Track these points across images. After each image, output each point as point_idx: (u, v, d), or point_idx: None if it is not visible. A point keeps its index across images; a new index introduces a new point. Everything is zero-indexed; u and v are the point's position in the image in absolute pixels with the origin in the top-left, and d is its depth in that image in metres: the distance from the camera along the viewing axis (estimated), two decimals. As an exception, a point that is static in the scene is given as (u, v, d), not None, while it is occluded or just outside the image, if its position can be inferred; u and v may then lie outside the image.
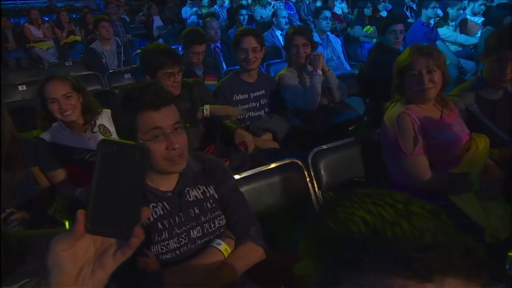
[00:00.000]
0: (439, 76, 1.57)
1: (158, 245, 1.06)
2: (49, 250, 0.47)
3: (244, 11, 4.73)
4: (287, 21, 4.08)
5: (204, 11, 8.71)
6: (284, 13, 4.13)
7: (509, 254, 0.99)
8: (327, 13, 3.54)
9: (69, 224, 1.43)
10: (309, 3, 9.26)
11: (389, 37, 2.87)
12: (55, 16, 6.99)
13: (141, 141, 0.99)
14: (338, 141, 1.73)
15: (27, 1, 13.36)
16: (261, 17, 7.92)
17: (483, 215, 1.46)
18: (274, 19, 4.16)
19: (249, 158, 1.98)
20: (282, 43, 4.12)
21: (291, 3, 9.15)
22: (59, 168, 1.69)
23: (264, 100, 2.28)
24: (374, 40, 4.89)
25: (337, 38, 3.73)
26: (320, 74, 2.26)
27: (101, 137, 1.93)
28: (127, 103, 1.02)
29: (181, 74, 1.93)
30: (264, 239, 1.19)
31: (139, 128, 1.01)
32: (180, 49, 3.20)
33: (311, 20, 5.63)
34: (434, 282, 0.34)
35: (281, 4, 9.03)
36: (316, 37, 3.58)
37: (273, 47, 4.05)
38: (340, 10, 8.54)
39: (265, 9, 8.49)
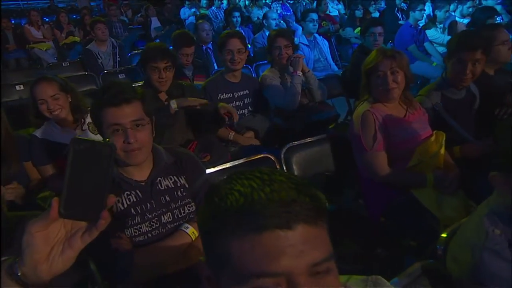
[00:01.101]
0: (402, 77, 1.69)
1: (132, 228, 1.18)
2: (25, 231, 0.55)
3: (237, 13, 4.85)
4: (278, 23, 4.19)
5: (203, 11, 8.83)
6: (275, 15, 4.25)
7: (441, 235, 1.10)
8: (314, 16, 3.66)
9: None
10: (305, 4, 9.38)
11: (369, 39, 3.00)
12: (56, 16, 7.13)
13: (107, 140, 1.12)
14: (310, 138, 1.85)
15: (29, 2, 13.54)
16: (258, 18, 8.02)
17: (437, 207, 1.58)
18: (264, 21, 4.28)
19: (230, 154, 2.11)
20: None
21: (288, 4, 9.27)
22: (49, 163, 1.82)
23: (248, 99, 2.41)
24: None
25: (324, 40, 3.85)
26: (300, 75, 2.37)
27: (90, 134, 2.07)
28: (95, 100, 1.15)
29: (169, 72, 2.03)
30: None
31: (103, 123, 1.15)
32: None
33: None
34: (292, 229, 0.46)
35: (277, 5, 9.16)
36: (303, 39, 3.72)
37: (264, 48, 4.17)
38: (337, 12, 8.65)
39: (262, 10, 8.59)
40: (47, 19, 8.42)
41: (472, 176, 1.72)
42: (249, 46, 4.92)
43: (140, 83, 2.41)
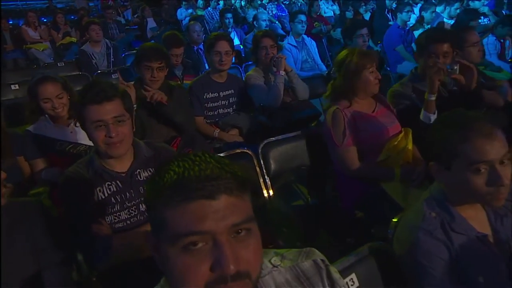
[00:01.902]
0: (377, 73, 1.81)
1: (112, 215, 1.29)
2: None
3: (229, 15, 4.96)
4: (268, 23, 4.30)
5: (199, 12, 8.93)
6: (265, 16, 4.35)
7: (392, 220, 1.21)
8: (302, 17, 3.77)
9: (48, 203, 1.64)
10: (301, 5, 9.49)
11: (357, 40, 3.10)
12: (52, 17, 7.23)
13: None
14: (286, 134, 1.96)
15: (28, 2, 13.63)
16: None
17: (404, 198, 1.69)
18: (255, 22, 4.39)
19: (214, 150, 2.22)
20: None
21: (283, 5, 9.38)
22: (41, 157, 1.92)
23: (233, 98, 2.51)
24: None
25: (312, 41, 3.95)
26: (283, 74, 2.48)
27: (82, 131, 2.18)
28: (79, 98, 1.26)
29: (161, 72, 2.13)
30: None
31: (86, 119, 1.25)
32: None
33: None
34: (215, 199, 0.57)
35: (273, 6, 9.26)
36: (291, 40, 3.83)
37: (254, 49, 4.27)
38: (332, 12, 8.76)
39: (257, 10, 8.70)
40: (45, 20, 8.53)
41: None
42: (241, 47, 5.04)
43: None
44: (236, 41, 5.22)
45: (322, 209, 2.17)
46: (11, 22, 7.82)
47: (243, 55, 4.59)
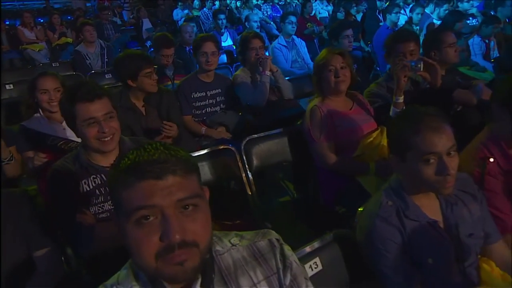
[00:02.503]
0: (348, 72, 1.90)
1: (96, 206, 1.38)
2: None
3: (222, 16, 5.04)
4: (259, 25, 4.38)
5: (195, 13, 9.01)
6: (256, 17, 4.44)
7: (359, 209, 1.29)
8: (293, 18, 3.86)
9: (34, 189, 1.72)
10: (295, 5, 9.58)
11: (343, 41, 3.19)
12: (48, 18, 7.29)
13: None
14: (268, 131, 2.04)
15: (25, 2, 13.67)
16: (248, 19, 8.23)
17: (376, 191, 1.78)
18: (246, 23, 4.47)
19: (201, 146, 2.30)
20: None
21: (278, 6, 9.47)
22: (32, 150, 2.00)
23: (220, 97, 2.60)
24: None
25: (302, 41, 4.04)
26: (269, 74, 2.56)
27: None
28: (70, 97, 1.34)
29: (155, 73, 2.20)
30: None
31: (77, 116, 1.33)
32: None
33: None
34: (162, 179, 0.65)
35: (267, 6, 9.35)
36: (282, 40, 3.92)
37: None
38: (327, 13, 8.85)
39: (252, 11, 8.78)
40: (42, 20, 8.59)
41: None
42: (234, 47, 5.12)
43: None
44: (229, 42, 5.31)
45: (305, 204, 2.26)
46: (7, 23, 7.89)
47: (235, 55, 4.66)
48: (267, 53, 4.12)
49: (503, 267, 1.14)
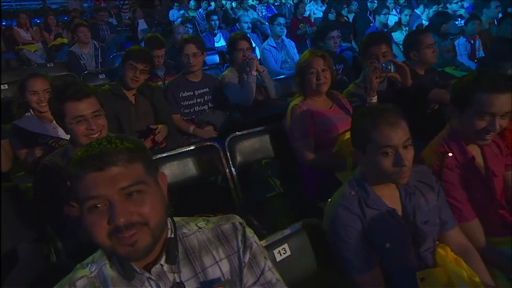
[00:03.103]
0: (329, 74, 1.99)
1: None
2: None
3: (215, 17, 5.13)
4: (250, 26, 4.47)
5: (191, 13, 9.09)
6: (247, 18, 4.52)
7: (328, 200, 1.38)
8: (281, 20, 3.95)
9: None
10: (290, 6, 9.67)
11: (329, 42, 3.28)
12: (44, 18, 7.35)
13: None
14: (251, 129, 2.13)
15: (21, 3, 13.72)
16: (243, 19, 8.32)
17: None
18: (237, 24, 4.56)
19: (186, 142, 2.39)
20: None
21: (273, 7, 9.56)
22: (24, 148, 2.09)
23: (208, 96, 2.69)
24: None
25: (291, 42, 4.13)
26: (255, 74, 2.65)
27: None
28: (59, 96, 1.42)
29: (143, 75, 2.30)
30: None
31: (66, 114, 1.41)
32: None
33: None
34: (105, 170, 0.74)
35: (262, 7, 9.44)
36: (271, 41, 4.01)
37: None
38: (321, 14, 8.94)
39: (247, 12, 8.87)
40: (38, 21, 8.65)
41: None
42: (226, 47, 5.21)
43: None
44: (222, 42, 5.39)
45: (289, 199, 2.36)
46: (4, 23, 7.95)
47: (227, 55, 4.75)
48: (258, 54, 4.24)
49: (457, 252, 1.23)
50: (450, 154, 1.37)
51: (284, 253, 1.21)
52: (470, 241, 1.27)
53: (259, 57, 4.22)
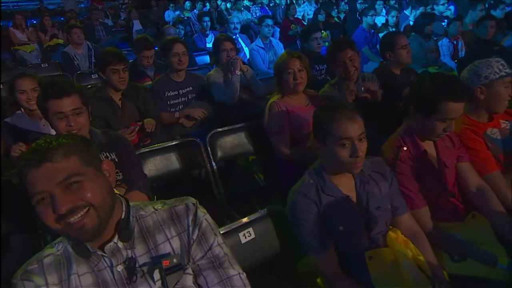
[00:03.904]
0: (305, 74, 2.11)
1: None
2: None
3: (206, 18, 5.24)
4: (238, 27, 4.59)
5: (187, 14, 9.21)
6: (235, 19, 4.63)
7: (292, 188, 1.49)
8: (269, 21, 4.07)
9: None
10: (283, 7, 9.79)
11: (312, 43, 3.41)
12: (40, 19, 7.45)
13: None
14: (231, 126, 2.25)
15: (19, 3, 13.80)
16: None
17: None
18: (226, 25, 4.67)
19: (170, 138, 2.50)
20: (236, 46, 4.65)
21: (267, 8, 9.68)
22: (14, 145, 2.19)
23: (191, 95, 2.80)
24: (326, 43, 5.42)
25: (279, 43, 4.25)
26: (238, 74, 2.76)
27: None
28: (42, 93, 1.54)
29: (126, 72, 2.36)
30: (150, 189, 1.71)
31: (48, 111, 1.53)
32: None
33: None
34: (40, 167, 0.82)
35: (256, 8, 9.56)
36: (259, 42, 4.13)
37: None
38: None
39: (241, 13, 9.00)
40: (35, 21, 8.75)
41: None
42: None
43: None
44: (215, 43, 5.52)
45: (269, 192, 2.47)
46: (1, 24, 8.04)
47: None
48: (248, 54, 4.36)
49: (407, 235, 1.36)
50: (405, 148, 1.49)
51: (249, 236, 1.33)
52: (419, 226, 1.40)
53: (248, 57, 4.35)
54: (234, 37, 4.65)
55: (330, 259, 1.26)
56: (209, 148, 2.15)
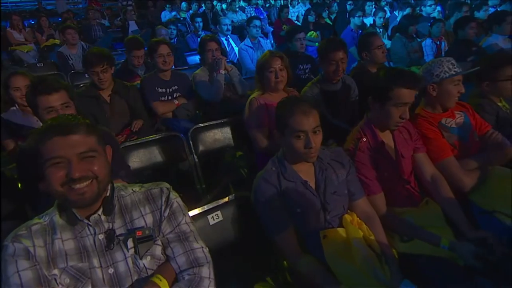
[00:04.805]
0: (285, 73, 2.23)
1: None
2: None
3: (199, 19, 5.38)
4: (229, 28, 4.72)
5: (183, 15, 9.34)
6: (227, 20, 4.76)
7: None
8: (257, 22, 4.20)
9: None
10: (278, 8, 9.92)
11: (295, 43, 3.54)
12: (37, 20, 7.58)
13: None
14: (212, 121, 2.38)
15: (17, 4, 13.92)
16: (232, 21, 8.57)
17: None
18: (217, 26, 4.81)
19: (155, 132, 2.63)
20: (226, 47, 4.80)
21: (261, 8, 9.82)
22: (10, 138, 2.33)
23: (177, 93, 2.93)
24: (317, 44, 5.56)
25: (267, 43, 4.38)
26: (223, 73, 2.89)
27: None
28: (31, 90, 1.67)
29: (106, 73, 2.47)
30: (132, 179, 1.84)
31: (38, 106, 1.66)
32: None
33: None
34: (66, 136, 0.99)
35: (251, 9, 9.69)
36: (248, 42, 4.26)
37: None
38: (310, 15, 9.21)
39: (236, 14, 9.13)
40: (33, 22, 8.87)
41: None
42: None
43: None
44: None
45: (249, 183, 2.60)
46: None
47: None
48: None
49: (362, 218, 1.49)
50: (364, 139, 1.62)
51: (217, 218, 1.46)
52: (375, 210, 1.53)
53: (237, 56, 4.48)
54: (225, 37, 4.79)
55: (289, 238, 1.39)
56: (191, 142, 2.28)
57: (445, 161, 1.70)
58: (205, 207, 1.47)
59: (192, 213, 1.40)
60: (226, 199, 1.52)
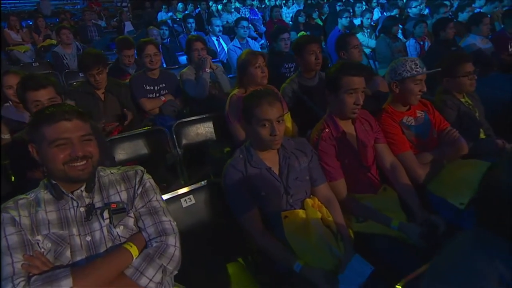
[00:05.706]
0: (267, 70, 2.38)
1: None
2: None
3: (191, 20, 5.52)
4: (221, 29, 4.86)
5: (179, 15, 9.48)
6: (218, 22, 4.91)
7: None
8: (245, 23, 4.35)
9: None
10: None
11: (280, 43, 3.68)
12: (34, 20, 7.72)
13: None
14: (195, 116, 2.52)
15: (16, 5, 14.04)
16: (227, 22, 8.73)
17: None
18: (209, 27, 4.95)
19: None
20: (217, 47, 4.94)
21: (256, 9, 9.97)
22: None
23: (164, 91, 3.07)
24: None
25: (255, 43, 4.53)
26: (208, 71, 3.03)
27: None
28: (21, 86, 1.81)
29: (102, 75, 2.64)
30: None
31: (28, 101, 1.80)
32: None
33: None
34: (71, 120, 1.14)
35: (246, 10, 9.84)
36: (236, 42, 4.40)
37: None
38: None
39: (231, 14, 9.28)
40: (31, 22, 9.01)
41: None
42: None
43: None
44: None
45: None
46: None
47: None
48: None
49: (323, 202, 1.63)
50: (326, 130, 1.76)
51: (189, 201, 1.60)
52: (335, 195, 1.67)
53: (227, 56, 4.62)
54: (216, 38, 4.94)
55: (253, 218, 1.53)
56: (174, 136, 2.42)
57: (403, 155, 1.85)
58: (179, 192, 1.61)
59: (165, 196, 1.54)
60: (199, 184, 1.66)
